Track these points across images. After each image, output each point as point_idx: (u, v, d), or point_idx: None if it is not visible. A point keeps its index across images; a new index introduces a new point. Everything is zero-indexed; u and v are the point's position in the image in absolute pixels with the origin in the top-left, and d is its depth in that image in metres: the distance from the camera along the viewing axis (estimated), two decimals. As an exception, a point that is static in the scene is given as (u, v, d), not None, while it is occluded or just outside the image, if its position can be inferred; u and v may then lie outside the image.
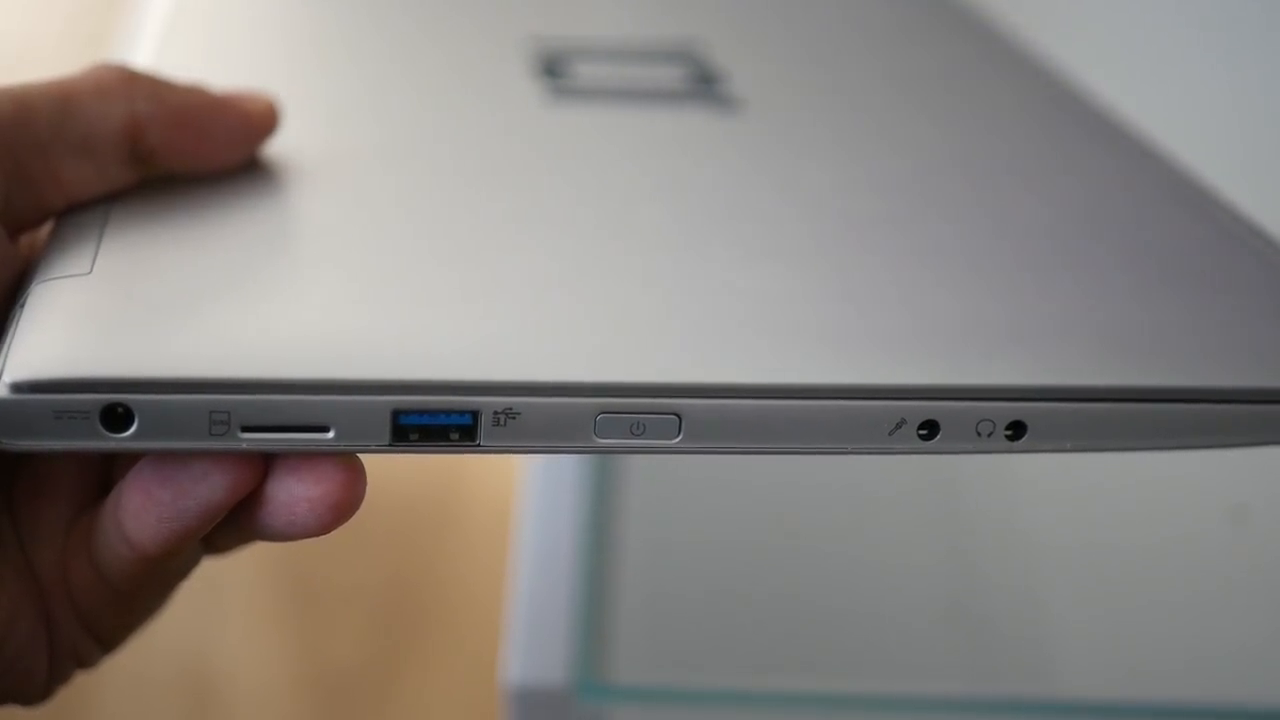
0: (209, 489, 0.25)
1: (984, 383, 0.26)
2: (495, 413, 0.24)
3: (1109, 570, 0.45)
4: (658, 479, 0.47)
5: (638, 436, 0.25)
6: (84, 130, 0.28)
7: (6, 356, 0.24)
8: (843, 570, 0.45)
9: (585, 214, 0.30)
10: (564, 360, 0.25)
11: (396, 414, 0.24)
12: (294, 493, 0.25)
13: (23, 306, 0.25)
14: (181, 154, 0.29)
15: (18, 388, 0.23)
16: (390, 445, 0.24)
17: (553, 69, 0.38)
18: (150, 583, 0.28)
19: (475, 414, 0.24)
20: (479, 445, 0.24)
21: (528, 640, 0.40)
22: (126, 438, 0.23)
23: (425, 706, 0.66)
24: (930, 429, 0.26)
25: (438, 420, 0.24)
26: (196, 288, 0.25)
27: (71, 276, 0.26)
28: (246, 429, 0.24)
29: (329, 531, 0.25)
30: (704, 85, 0.38)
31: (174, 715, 0.69)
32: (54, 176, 0.28)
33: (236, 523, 0.26)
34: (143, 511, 0.25)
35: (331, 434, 0.24)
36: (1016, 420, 0.26)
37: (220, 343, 0.24)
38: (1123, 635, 0.43)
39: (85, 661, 0.29)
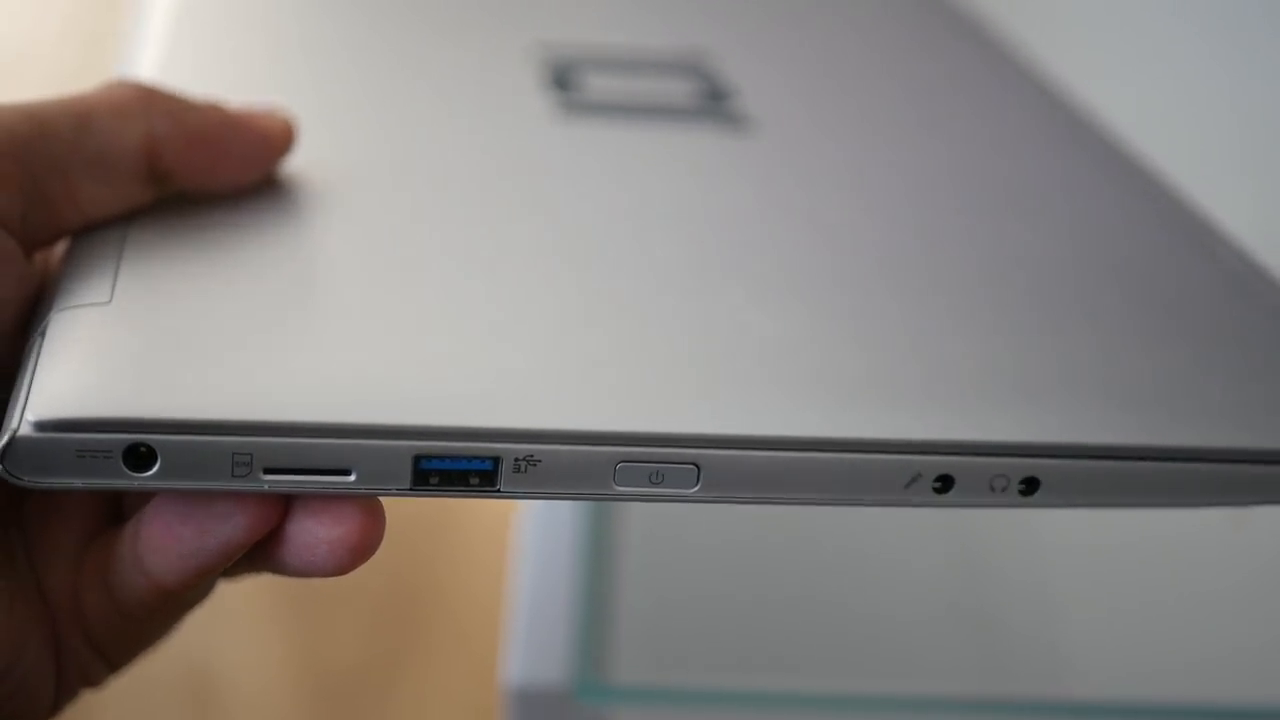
0: (231, 528, 0.25)
1: (999, 439, 0.26)
2: (516, 459, 0.24)
3: (1118, 570, 0.45)
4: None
5: (656, 485, 0.25)
6: (101, 149, 0.28)
7: (29, 392, 0.24)
8: (846, 569, 0.45)
9: (602, 249, 0.30)
10: (585, 408, 0.25)
11: (418, 459, 0.24)
12: (315, 535, 0.25)
13: (43, 335, 0.25)
14: (198, 174, 0.29)
15: (42, 426, 0.23)
16: (411, 489, 0.24)
17: (562, 81, 0.37)
18: (164, 610, 0.28)
19: (496, 460, 0.24)
20: (499, 490, 0.25)
21: (528, 640, 0.40)
22: (149, 477, 0.23)
23: (425, 706, 0.66)
24: (945, 483, 0.26)
25: (459, 465, 0.24)
26: (218, 325, 0.25)
27: (91, 305, 0.26)
28: (269, 470, 0.24)
29: (346, 573, 0.25)
30: (714, 102, 0.38)
31: (175, 715, 0.68)
32: (71, 195, 0.28)
33: (251, 557, 0.26)
34: (163, 547, 0.25)
35: (353, 477, 0.24)
36: (1030, 476, 0.26)
37: (244, 384, 0.24)
38: (1133, 635, 0.43)
39: (93, 681, 0.29)
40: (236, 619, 0.71)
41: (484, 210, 0.31)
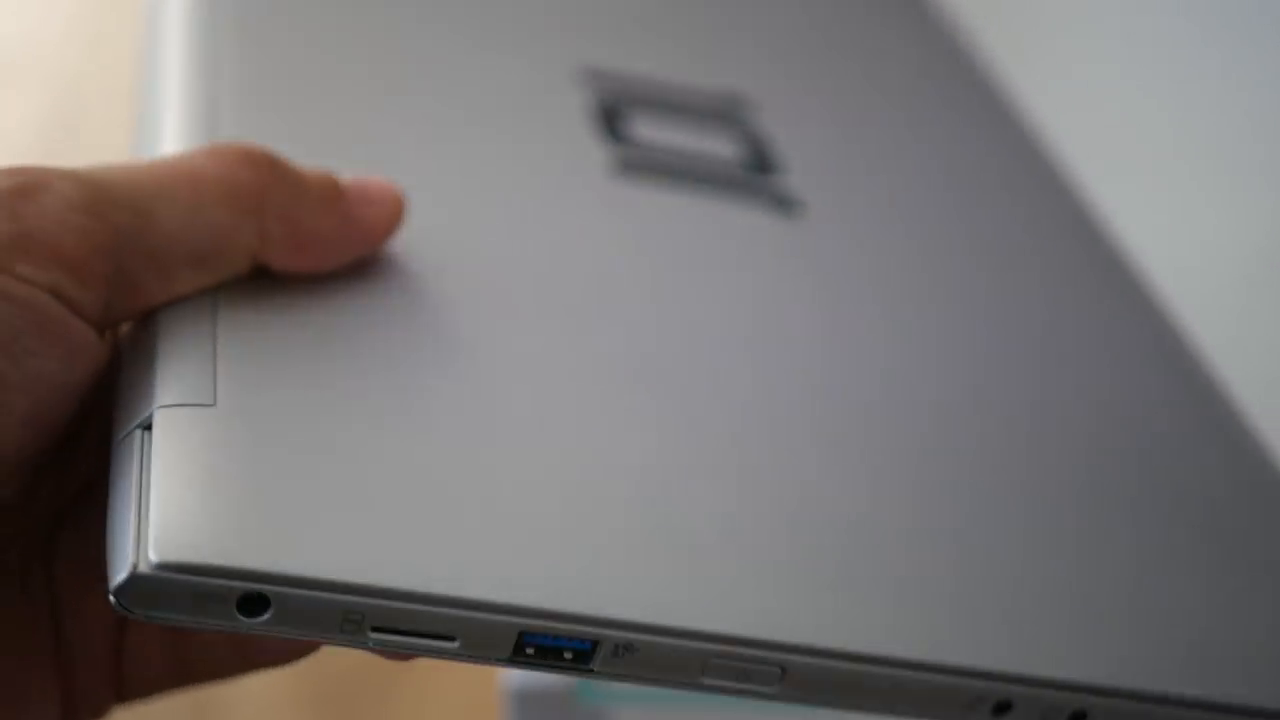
0: None
1: (1063, 676, 0.27)
2: (615, 645, 0.25)
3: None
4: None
5: (742, 682, 0.26)
6: (207, 245, 0.26)
7: (145, 520, 0.23)
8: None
9: (691, 403, 0.30)
10: (686, 603, 0.26)
11: (522, 634, 0.25)
12: None
13: (146, 431, 0.25)
14: (301, 270, 0.28)
15: (164, 567, 0.23)
16: (509, 659, 0.25)
17: (613, 126, 0.37)
18: (236, 674, 0.28)
19: (595, 643, 0.25)
20: (592, 670, 0.25)
21: (528, 640, 0.40)
22: (260, 623, 0.24)
23: (425, 706, 0.66)
24: (1002, 709, 0.27)
25: (559, 643, 0.25)
26: (335, 460, 0.25)
27: (196, 406, 0.25)
28: (376, 629, 0.24)
29: (397, 660, 0.25)
30: (761, 177, 0.38)
31: (174, 715, 0.69)
32: (164, 286, 0.26)
33: None
34: (279, 646, 0.26)
35: (457, 644, 0.25)
36: (1081, 710, 0.27)
37: (365, 543, 0.24)
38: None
39: (99, 715, 0.29)
40: (237, 619, 0.71)
41: (568, 338, 0.31)
